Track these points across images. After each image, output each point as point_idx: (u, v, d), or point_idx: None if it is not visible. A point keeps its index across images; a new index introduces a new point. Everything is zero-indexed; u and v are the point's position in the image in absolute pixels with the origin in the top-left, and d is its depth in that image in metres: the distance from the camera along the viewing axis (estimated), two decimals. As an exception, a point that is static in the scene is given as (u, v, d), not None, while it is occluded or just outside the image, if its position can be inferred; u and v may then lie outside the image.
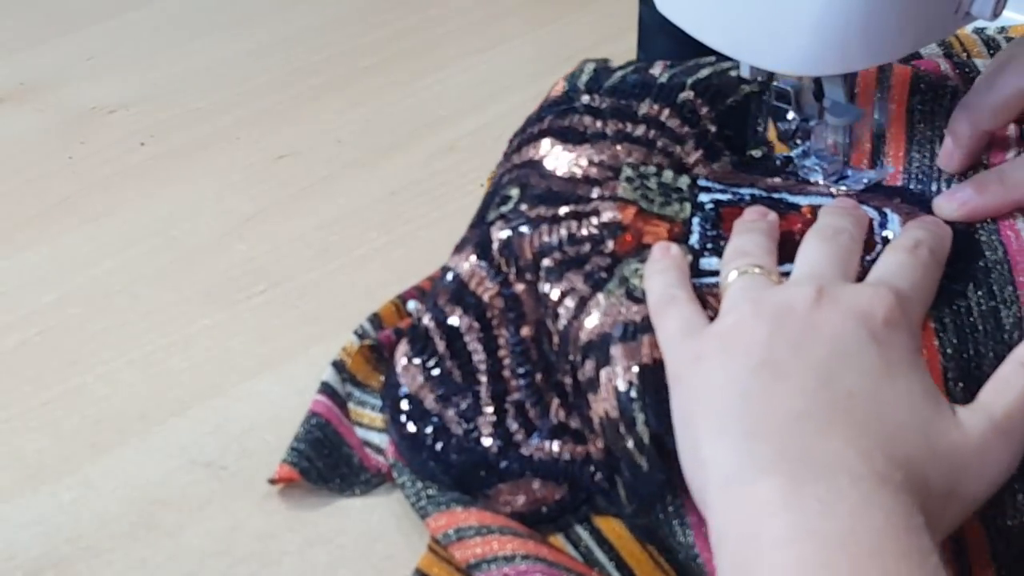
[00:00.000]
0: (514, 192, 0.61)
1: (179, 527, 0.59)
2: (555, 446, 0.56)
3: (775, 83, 0.60)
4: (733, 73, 0.63)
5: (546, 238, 0.58)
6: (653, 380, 0.51)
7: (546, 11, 1.07)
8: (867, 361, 0.47)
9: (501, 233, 0.59)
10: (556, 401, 0.57)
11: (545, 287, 0.57)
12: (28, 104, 0.97)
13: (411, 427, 0.59)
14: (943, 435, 0.46)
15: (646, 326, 0.53)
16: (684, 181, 0.60)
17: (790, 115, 0.61)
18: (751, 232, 0.56)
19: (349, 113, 0.93)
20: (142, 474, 0.62)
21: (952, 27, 0.56)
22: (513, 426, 0.57)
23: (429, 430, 0.58)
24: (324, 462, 0.60)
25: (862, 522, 0.41)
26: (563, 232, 0.58)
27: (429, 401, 0.59)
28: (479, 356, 0.58)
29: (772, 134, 0.64)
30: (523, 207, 0.59)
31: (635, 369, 0.52)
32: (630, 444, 0.51)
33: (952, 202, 0.57)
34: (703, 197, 0.60)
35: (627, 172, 0.60)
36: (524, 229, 0.58)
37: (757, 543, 0.42)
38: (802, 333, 0.48)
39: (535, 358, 0.58)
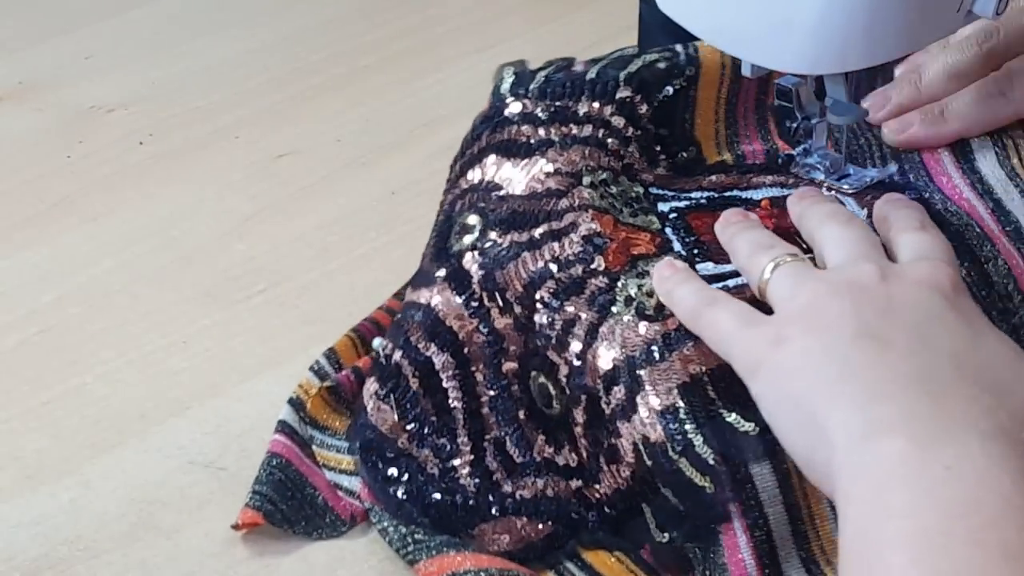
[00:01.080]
0: (474, 219, 0.58)
1: (178, 528, 0.59)
2: (539, 483, 0.55)
3: (777, 81, 0.60)
4: (661, 65, 0.62)
5: (532, 266, 0.55)
6: (699, 397, 0.50)
7: (546, 10, 1.07)
8: (955, 325, 0.47)
9: (477, 266, 0.57)
10: (541, 438, 0.55)
11: (544, 318, 0.55)
12: (27, 103, 0.97)
13: (384, 468, 0.57)
14: None
15: (671, 343, 0.51)
16: (638, 189, 0.59)
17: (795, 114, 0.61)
18: (750, 229, 0.55)
19: (349, 112, 0.93)
20: (141, 474, 0.62)
21: (954, 26, 0.56)
22: (492, 464, 0.56)
23: (404, 471, 0.57)
24: (288, 504, 0.58)
25: (988, 488, 0.41)
26: (547, 255, 0.55)
27: (403, 440, 0.57)
28: (456, 394, 0.56)
29: (700, 131, 0.62)
30: (492, 235, 0.57)
31: (674, 390, 0.50)
32: (684, 466, 0.50)
33: (895, 127, 0.61)
34: (662, 206, 0.59)
35: (588, 178, 0.58)
36: (505, 259, 0.56)
37: (880, 510, 0.41)
38: (886, 304, 0.47)
39: (518, 395, 0.56)
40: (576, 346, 0.53)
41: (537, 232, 0.56)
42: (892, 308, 0.47)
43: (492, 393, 0.56)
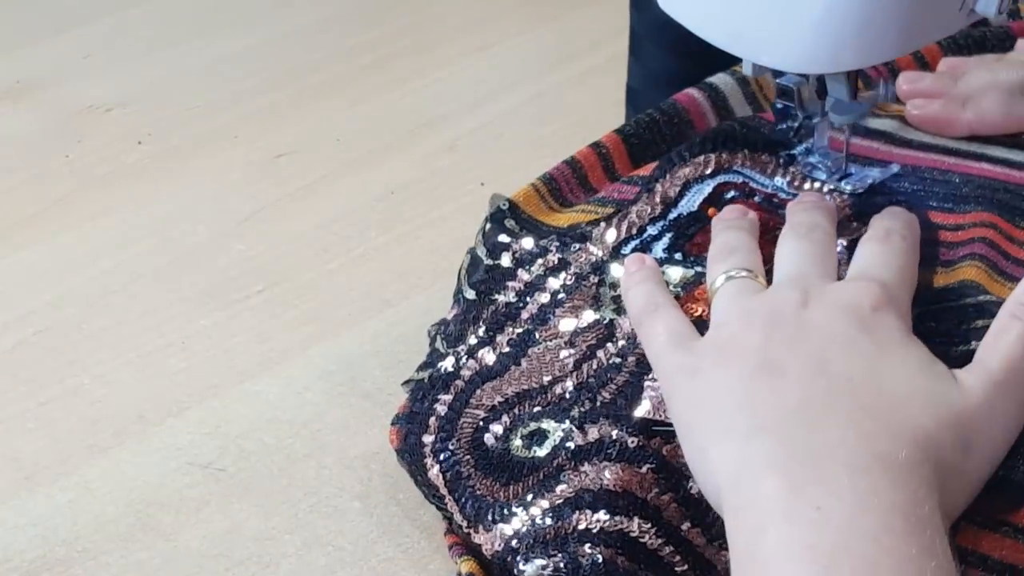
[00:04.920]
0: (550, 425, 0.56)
1: (177, 529, 0.58)
2: None
3: (778, 80, 0.60)
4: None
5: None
6: None
7: (546, 9, 1.07)
8: (860, 347, 0.48)
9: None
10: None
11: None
12: (25, 103, 0.97)
13: None
14: (945, 400, 0.46)
15: None
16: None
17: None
18: (728, 230, 0.57)
19: (348, 112, 0.93)
20: (139, 476, 0.61)
21: (957, 25, 0.56)
22: None
23: None
24: None
25: (858, 529, 0.41)
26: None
27: None
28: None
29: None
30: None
31: None
32: None
33: (918, 102, 0.65)
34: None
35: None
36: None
37: (758, 558, 0.42)
38: (794, 333, 0.48)
39: None
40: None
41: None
42: (799, 337, 0.48)
43: None
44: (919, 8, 0.54)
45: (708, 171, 0.61)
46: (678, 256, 0.58)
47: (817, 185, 0.61)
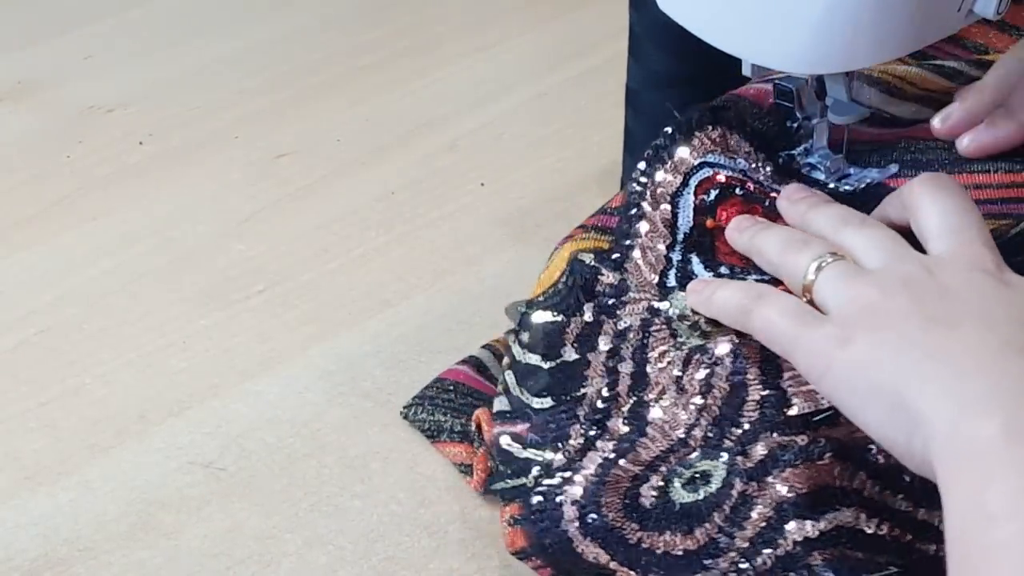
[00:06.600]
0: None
1: (178, 528, 0.58)
2: None
3: (777, 81, 0.60)
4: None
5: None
6: None
7: (546, 9, 1.07)
8: (1010, 300, 0.46)
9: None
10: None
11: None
12: (26, 103, 0.97)
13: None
14: None
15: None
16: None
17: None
18: (770, 228, 0.55)
19: (348, 112, 0.93)
20: (140, 475, 0.62)
21: (955, 25, 0.56)
22: None
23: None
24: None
25: None
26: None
27: None
28: None
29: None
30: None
31: None
32: None
33: (965, 137, 0.61)
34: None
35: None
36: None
37: (980, 513, 0.40)
38: (941, 293, 0.47)
39: None
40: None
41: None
42: (949, 295, 0.47)
43: None
44: (918, 9, 0.54)
45: (680, 179, 0.60)
46: (723, 270, 0.57)
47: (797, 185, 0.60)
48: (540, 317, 0.59)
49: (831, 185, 0.60)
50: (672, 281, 0.57)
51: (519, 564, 0.55)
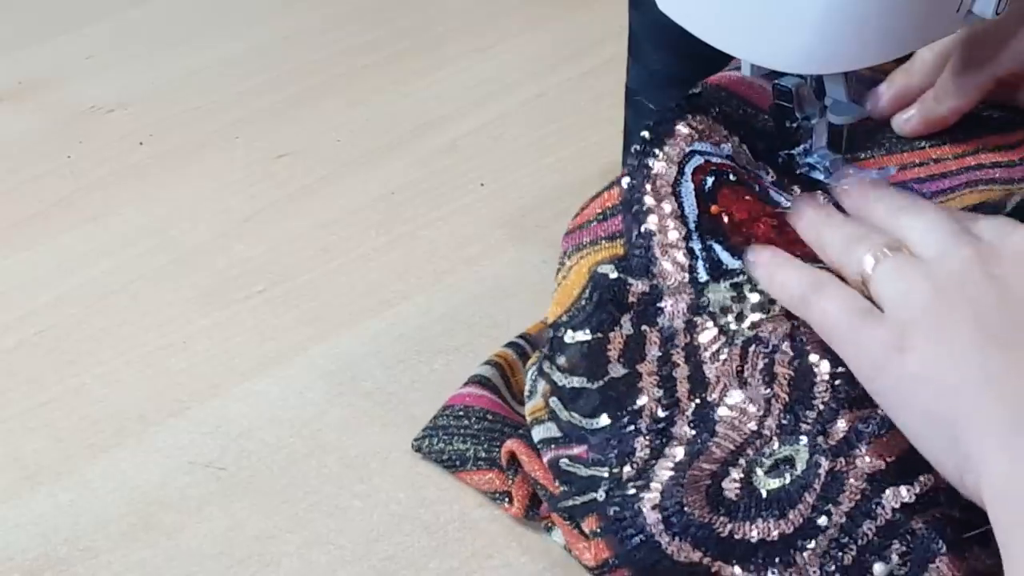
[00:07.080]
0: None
1: (178, 528, 0.59)
2: None
3: (776, 81, 0.60)
4: None
5: None
6: None
7: (546, 9, 1.07)
8: None
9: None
10: None
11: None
12: (27, 103, 0.97)
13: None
14: None
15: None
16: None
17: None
18: (832, 217, 0.55)
19: (348, 112, 0.93)
20: (140, 475, 0.62)
21: (954, 26, 0.56)
22: None
23: None
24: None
25: None
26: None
27: None
28: None
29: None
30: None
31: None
32: None
33: (899, 121, 0.63)
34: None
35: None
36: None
37: None
38: (1000, 295, 0.46)
39: None
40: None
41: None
42: (1006, 299, 0.46)
43: None
44: (917, 9, 0.54)
45: (676, 168, 0.58)
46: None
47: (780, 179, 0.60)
48: (573, 337, 0.57)
49: (834, 185, 0.60)
50: (703, 275, 0.56)
51: (519, 564, 0.55)
